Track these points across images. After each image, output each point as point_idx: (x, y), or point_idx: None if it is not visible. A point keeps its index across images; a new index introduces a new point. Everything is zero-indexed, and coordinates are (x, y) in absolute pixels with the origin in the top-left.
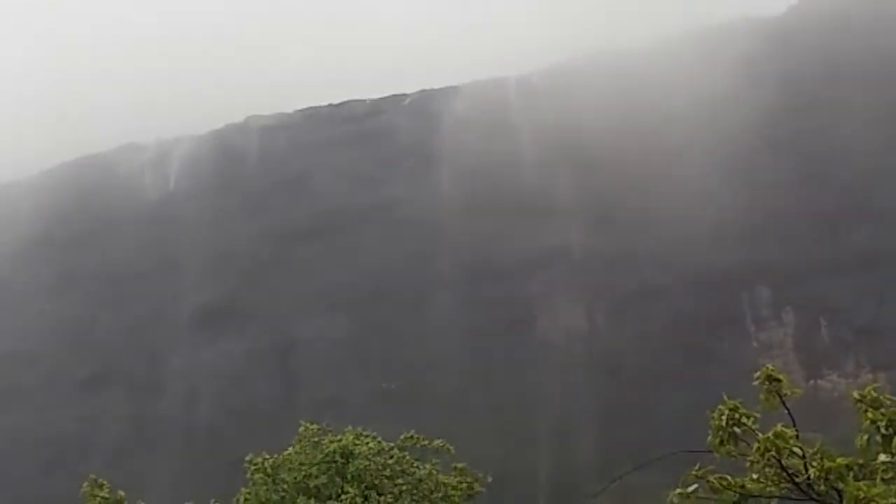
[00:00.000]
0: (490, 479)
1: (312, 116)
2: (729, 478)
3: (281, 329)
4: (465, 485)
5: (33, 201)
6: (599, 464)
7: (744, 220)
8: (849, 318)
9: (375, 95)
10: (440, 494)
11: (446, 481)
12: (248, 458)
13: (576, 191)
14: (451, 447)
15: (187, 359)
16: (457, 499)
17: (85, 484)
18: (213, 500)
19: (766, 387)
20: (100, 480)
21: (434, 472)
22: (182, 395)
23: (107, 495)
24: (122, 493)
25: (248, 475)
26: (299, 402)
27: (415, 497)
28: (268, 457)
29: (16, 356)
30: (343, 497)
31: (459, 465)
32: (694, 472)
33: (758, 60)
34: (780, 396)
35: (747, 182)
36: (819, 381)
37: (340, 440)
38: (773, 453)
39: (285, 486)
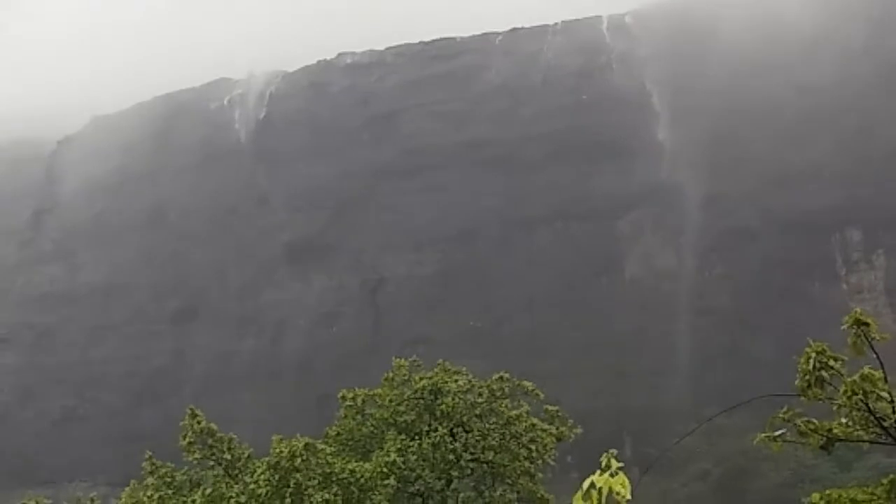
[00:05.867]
0: (579, 430)
1: (403, 54)
2: (816, 422)
3: (369, 266)
4: (555, 429)
5: (127, 134)
6: (687, 405)
7: (837, 163)
8: None
9: (466, 34)
10: (529, 436)
11: (537, 424)
12: (340, 394)
13: (668, 130)
14: (540, 391)
15: (276, 294)
16: (546, 442)
17: (186, 412)
18: (298, 434)
19: (854, 331)
20: (196, 411)
21: (525, 413)
22: (270, 330)
23: (202, 427)
24: (213, 425)
25: (340, 409)
26: (386, 339)
27: (503, 437)
28: (359, 391)
29: (108, 290)
30: (432, 434)
31: (550, 408)
32: (781, 415)
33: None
34: (869, 340)
35: (842, 124)
36: None
37: (431, 377)
38: (860, 397)
39: (374, 422)
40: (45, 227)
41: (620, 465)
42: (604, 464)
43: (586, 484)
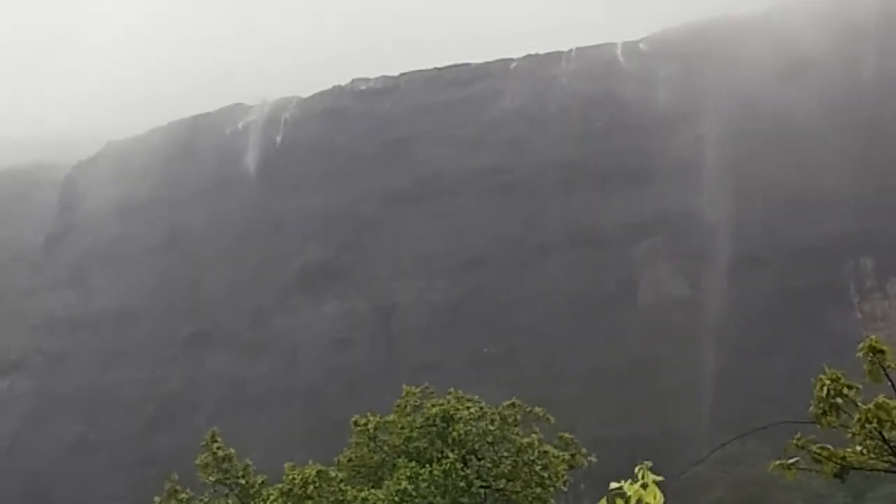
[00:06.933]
0: (594, 458)
1: (417, 80)
2: (830, 447)
3: (382, 292)
4: (568, 456)
5: (141, 159)
6: (701, 432)
7: (851, 190)
8: None
9: (481, 60)
10: (542, 464)
11: (549, 451)
12: (353, 419)
13: (682, 158)
14: (551, 416)
15: (289, 320)
16: (558, 469)
17: (206, 435)
18: (310, 461)
19: (869, 358)
20: (217, 436)
21: (537, 440)
22: (283, 356)
23: (221, 452)
24: (232, 450)
25: (352, 436)
26: (399, 365)
27: (515, 464)
28: (371, 418)
29: (122, 314)
30: (443, 461)
31: (565, 436)
32: (795, 442)
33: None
34: (884, 368)
35: (856, 151)
36: None
37: (442, 404)
38: (874, 425)
39: (386, 449)
40: (59, 251)
41: (659, 478)
42: (638, 474)
43: (613, 485)
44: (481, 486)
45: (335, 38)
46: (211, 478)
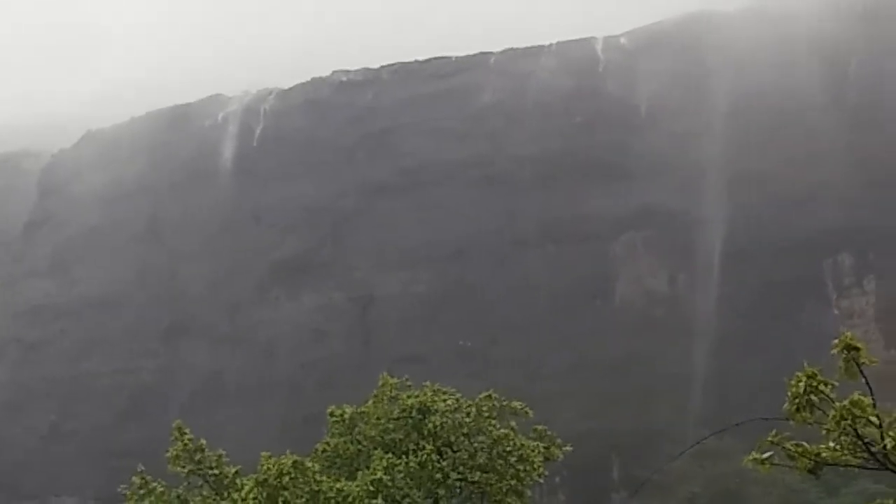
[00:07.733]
0: (569, 448)
1: (398, 72)
2: (805, 444)
3: (360, 284)
4: (543, 448)
5: (121, 149)
6: (678, 427)
7: (830, 187)
8: None
9: (461, 53)
10: (517, 456)
11: (525, 443)
12: (329, 410)
13: (661, 153)
14: (529, 410)
15: (267, 312)
16: (534, 461)
17: (173, 427)
18: (288, 451)
19: (844, 355)
20: (184, 428)
21: (512, 432)
22: (261, 347)
23: (191, 447)
24: (203, 441)
25: (328, 427)
26: (377, 357)
27: (490, 456)
28: (347, 409)
29: (101, 303)
30: (419, 452)
31: (539, 428)
32: (770, 439)
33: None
34: (859, 365)
35: (836, 148)
36: None
37: (418, 396)
38: (849, 422)
39: (362, 440)
40: (39, 239)
41: None
42: None
43: None
44: (457, 479)
45: (316, 29)
46: (184, 469)
